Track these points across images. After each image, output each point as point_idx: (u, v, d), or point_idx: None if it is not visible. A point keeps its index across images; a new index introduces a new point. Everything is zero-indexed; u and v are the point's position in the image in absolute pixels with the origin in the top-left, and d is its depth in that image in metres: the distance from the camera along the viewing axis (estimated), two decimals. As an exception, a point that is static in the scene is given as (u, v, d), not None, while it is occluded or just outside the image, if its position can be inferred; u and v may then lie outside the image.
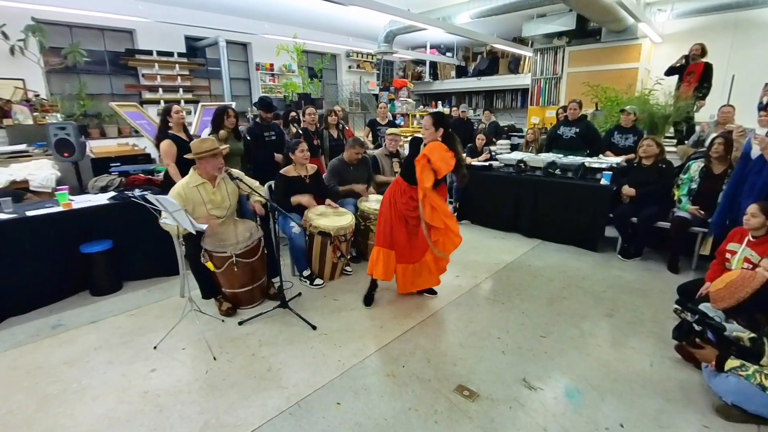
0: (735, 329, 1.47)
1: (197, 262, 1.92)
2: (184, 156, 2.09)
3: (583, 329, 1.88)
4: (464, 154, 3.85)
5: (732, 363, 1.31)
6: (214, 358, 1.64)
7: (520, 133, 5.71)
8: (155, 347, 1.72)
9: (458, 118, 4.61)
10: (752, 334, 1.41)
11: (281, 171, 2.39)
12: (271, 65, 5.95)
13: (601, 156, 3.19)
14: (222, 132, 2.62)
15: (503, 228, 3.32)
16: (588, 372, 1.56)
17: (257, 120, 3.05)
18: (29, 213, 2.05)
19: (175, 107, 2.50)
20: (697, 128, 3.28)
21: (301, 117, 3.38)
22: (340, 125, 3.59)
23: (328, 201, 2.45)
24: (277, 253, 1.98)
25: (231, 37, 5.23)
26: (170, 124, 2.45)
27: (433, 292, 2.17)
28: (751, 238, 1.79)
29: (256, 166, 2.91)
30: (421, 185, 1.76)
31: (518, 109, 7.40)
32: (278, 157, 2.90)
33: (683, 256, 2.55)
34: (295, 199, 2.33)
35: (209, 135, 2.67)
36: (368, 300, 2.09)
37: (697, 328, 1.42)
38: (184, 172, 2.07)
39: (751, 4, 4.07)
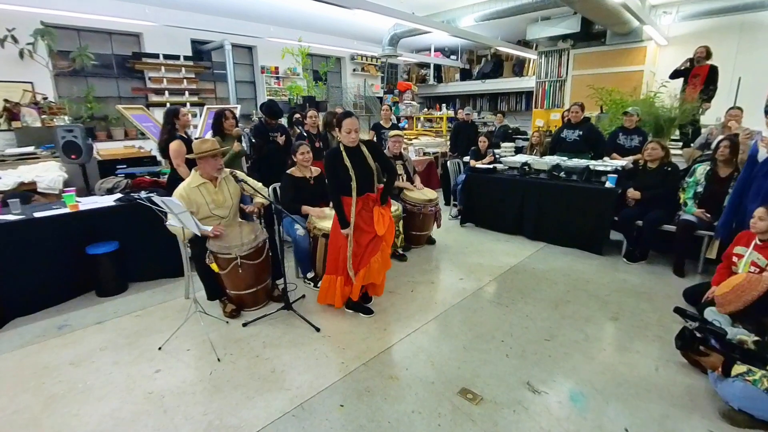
0: (739, 333, 1.45)
1: (202, 263, 1.94)
2: (186, 156, 2.11)
3: (587, 333, 1.86)
4: (468, 157, 3.86)
5: (738, 369, 1.29)
6: (219, 360, 1.64)
7: (525, 136, 5.71)
8: (160, 348, 1.73)
9: (463, 121, 4.61)
10: (756, 338, 1.40)
11: (288, 171, 2.41)
12: (276, 68, 6.00)
13: (606, 159, 3.18)
14: (236, 130, 2.63)
15: (507, 231, 3.31)
16: (592, 376, 1.55)
17: (262, 120, 3.09)
18: (37, 214, 2.08)
19: (183, 110, 2.52)
20: (704, 131, 3.26)
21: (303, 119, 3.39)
22: None
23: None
24: (281, 255, 1.98)
25: (236, 40, 5.27)
26: (177, 126, 2.45)
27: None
28: (758, 242, 1.78)
29: (261, 164, 2.92)
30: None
31: (522, 111, 7.39)
32: (281, 140, 2.91)
33: (689, 260, 2.52)
34: (306, 209, 2.33)
35: (214, 137, 2.70)
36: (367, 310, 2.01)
37: (698, 335, 1.41)
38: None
39: (758, 6, 4.05)
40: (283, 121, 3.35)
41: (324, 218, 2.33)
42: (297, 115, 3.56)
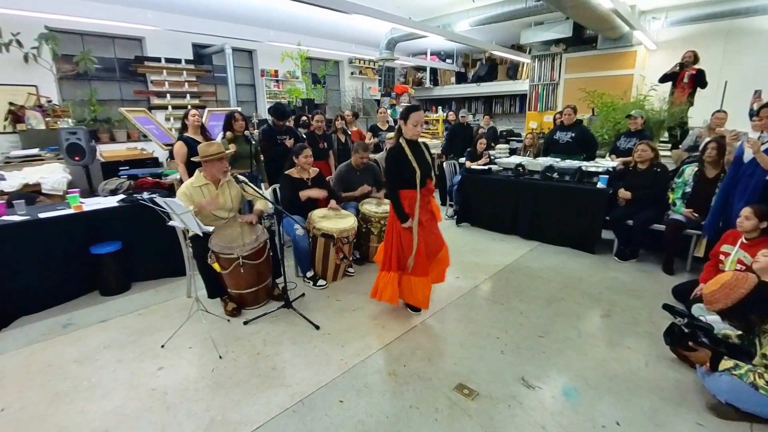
0: (723, 327, 1.50)
1: (204, 262, 1.97)
2: (191, 159, 2.16)
3: (580, 329, 1.91)
4: (464, 158, 3.94)
5: (726, 363, 1.33)
6: (220, 357, 1.67)
7: (519, 138, 5.80)
8: (163, 346, 1.76)
9: (458, 123, 4.69)
10: (739, 332, 1.44)
11: (286, 172, 2.46)
12: (276, 71, 6.07)
13: (598, 160, 3.24)
14: (228, 134, 2.70)
15: (502, 230, 3.37)
16: (585, 371, 1.59)
17: (270, 125, 3.15)
18: (41, 215, 2.11)
19: (192, 111, 2.61)
20: (692, 132, 3.34)
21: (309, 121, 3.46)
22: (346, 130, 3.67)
23: (331, 203, 2.51)
24: (281, 255, 2.01)
25: (237, 44, 5.34)
26: (188, 127, 2.56)
27: (417, 310, 2.01)
28: (744, 240, 1.83)
29: (269, 167, 2.97)
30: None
31: (517, 114, 7.49)
32: (290, 142, 3.00)
33: (678, 258, 2.58)
34: (305, 193, 2.36)
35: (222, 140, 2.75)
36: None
37: (686, 331, 1.46)
38: (193, 174, 2.13)
39: (743, 12, 4.16)
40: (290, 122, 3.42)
41: (324, 218, 2.38)
42: (303, 118, 3.64)
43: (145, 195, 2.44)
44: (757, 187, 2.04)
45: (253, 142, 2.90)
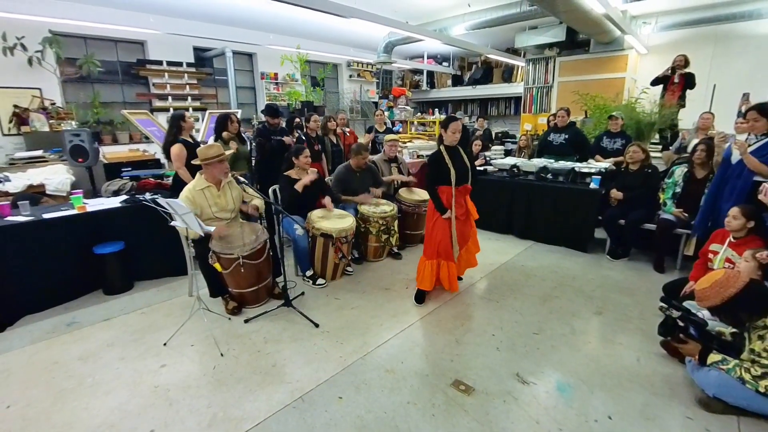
0: (717, 324, 1.54)
1: (205, 262, 2.00)
2: (192, 162, 2.17)
3: (573, 326, 1.95)
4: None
5: (714, 357, 1.37)
6: (222, 355, 1.70)
7: (513, 139, 5.87)
8: (165, 344, 1.79)
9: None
10: (733, 329, 1.48)
11: (285, 173, 2.49)
12: (276, 74, 6.13)
13: (590, 161, 3.30)
14: (225, 133, 2.70)
15: (498, 230, 3.41)
16: (578, 367, 1.62)
17: (265, 124, 3.19)
18: (46, 216, 2.14)
19: (186, 114, 2.58)
20: (681, 134, 3.43)
21: (304, 123, 3.50)
22: (340, 131, 3.71)
23: (326, 200, 2.53)
24: (281, 254, 2.04)
25: (237, 47, 5.40)
26: (183, 129, 2.47)
27: (420, 301, 2.19)
28: (733, 239, 1.88)
29: (262, 166, 2.99)
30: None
31: (511, 116, 7.57)
32: (288, 139, 3.05)
33: (668, 257, 2.63)
34: (300, 184, 2.39)
35: (215, 141, 2.78)
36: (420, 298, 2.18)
37: (680, 324, 1.50)
38: (191, 176, 2.16)
39: (731, 18, 4.26)
40: (282, 123, 3.46)
41: (323, 218, 2.42)
42: (297, 120, 3.69)
43: (148, 196, 2.47)
44: (744, 188, 2.09)
45: (253, 143, 2.94)
